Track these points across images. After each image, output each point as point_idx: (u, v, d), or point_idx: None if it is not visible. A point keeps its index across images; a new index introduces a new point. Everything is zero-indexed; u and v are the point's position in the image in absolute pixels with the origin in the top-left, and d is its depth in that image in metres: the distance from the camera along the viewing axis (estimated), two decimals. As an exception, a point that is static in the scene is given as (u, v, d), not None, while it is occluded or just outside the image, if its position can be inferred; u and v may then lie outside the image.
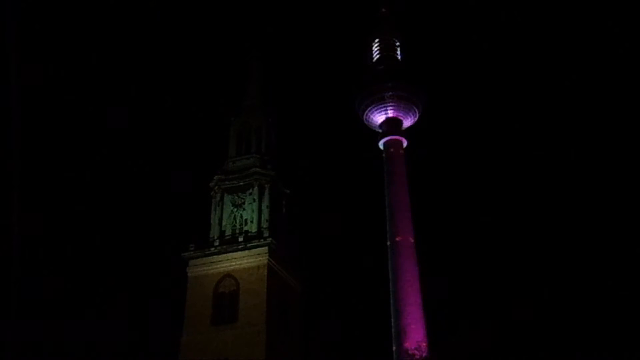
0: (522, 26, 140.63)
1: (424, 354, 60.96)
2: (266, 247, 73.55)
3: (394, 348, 74.72)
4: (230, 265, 73.81)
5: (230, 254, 74.33)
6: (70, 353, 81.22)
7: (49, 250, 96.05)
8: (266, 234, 74.68)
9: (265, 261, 73.01)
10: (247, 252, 73.91)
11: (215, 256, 74.74)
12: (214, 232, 77.55)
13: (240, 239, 75.13)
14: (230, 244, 75.46)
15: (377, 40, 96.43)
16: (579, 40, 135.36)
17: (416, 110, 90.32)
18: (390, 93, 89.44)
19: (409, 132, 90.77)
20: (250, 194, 78.47)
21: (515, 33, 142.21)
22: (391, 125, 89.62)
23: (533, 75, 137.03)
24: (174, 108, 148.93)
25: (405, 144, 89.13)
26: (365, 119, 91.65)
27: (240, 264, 73.48)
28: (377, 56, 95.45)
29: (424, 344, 67.95)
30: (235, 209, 78.56)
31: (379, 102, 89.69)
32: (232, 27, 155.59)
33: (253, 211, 77.40)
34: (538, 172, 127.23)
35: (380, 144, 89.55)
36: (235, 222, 77.92)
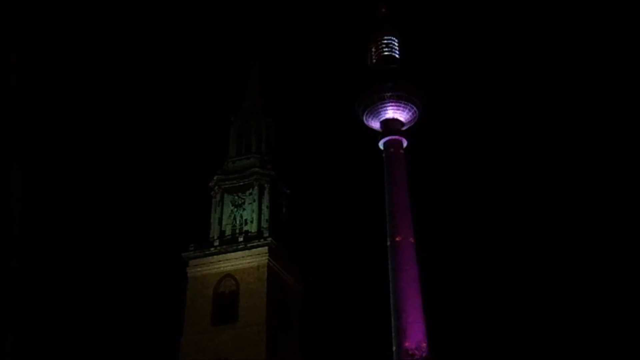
0: (522, 25, 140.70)
1: (424, 354, 60.98)
2: (266, 247, 73.56)
3: (394, 348, 74.74)
4: (230, 265, 73.82)
5: (230, 254, 74.34)
6: (70, 353, 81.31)
7: (49, 250, 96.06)
8: (266, 234, 74.69)
9: (265, 261, 73.02)
10: (247, 252, 73.92)
11: (215, 256, 74.74)
12: (214, 232, 77.56)
13: (240, 239, 75.14)
14: (230, 244, 75.47)
15: (377, 40, 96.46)
16: (579, 39, 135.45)
17: (416, 110, 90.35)
18: (390, 93, 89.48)
19: (409, 132, 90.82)
20: (250, 194, 78.48)
21: (515, 32, 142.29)
22: (391, 125, 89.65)
23: (533, 74, 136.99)
24: (174, 108, 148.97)
25: (405, 144, 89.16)
26: (365, 119, 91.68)
27: (240, 264, 73.48)
28: (377, 56, 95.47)
29: (424, 344, 68.01)
30: (235, 209, 78.57)
31: (379, 102, 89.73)
32: (232, 27, 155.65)
33: (253, 211, 77.41)
34: (538, 171, 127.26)
35: (380, 144, 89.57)
36: (235, 222, 77.94)
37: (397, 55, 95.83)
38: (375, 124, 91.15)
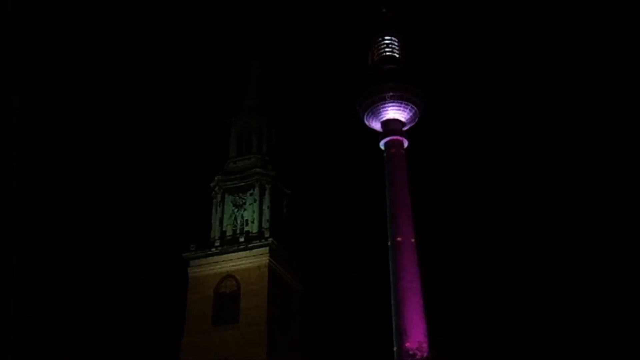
0: (522, 25, 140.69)
1: (424, 354, 60.90)
2: (267, 248, 73.56)
3: (394, 348, 74.75)
4: (231, 266, 73.85)
5: (231, 254, 74.37)
6: (70, 353, 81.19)
7: (49, 250, 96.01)
8: (267, 234, 74.69)
9: (266, 261, 73.02)
10: (247, 252, 73.94)
11: (216, 256, 74.75)
12: (215, 233, 77.57)
13: (241, 239, 75.16)
14: (231, 244, 75.50)
15: (377, 41, 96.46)
16: (578, 40, 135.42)
17: (417, 110, 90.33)
18: (390, 93, 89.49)
19: (409, 133, 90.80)
20: (251, 194, 78.48)
21: (515, 32, 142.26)
22: (392, 125, 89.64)
23: (533, 74, 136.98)
24: (175, 108, 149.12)
25: (406, 144, 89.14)
26: (366, 119, 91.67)
27: (241, 264, 73.50)
28: (378, 56, 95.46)
29: (425, 344, 67.92)
30: (236, 209, 78.57)
31: (380, 102, 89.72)
32: (232, 27, 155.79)
33: (254, 211, 77.41)
34: (538, 171, 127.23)
35: (381, 145, 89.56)
36: (236, 223, 77.94)
37: (397, 56, 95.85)
38: (376, 124, 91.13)
